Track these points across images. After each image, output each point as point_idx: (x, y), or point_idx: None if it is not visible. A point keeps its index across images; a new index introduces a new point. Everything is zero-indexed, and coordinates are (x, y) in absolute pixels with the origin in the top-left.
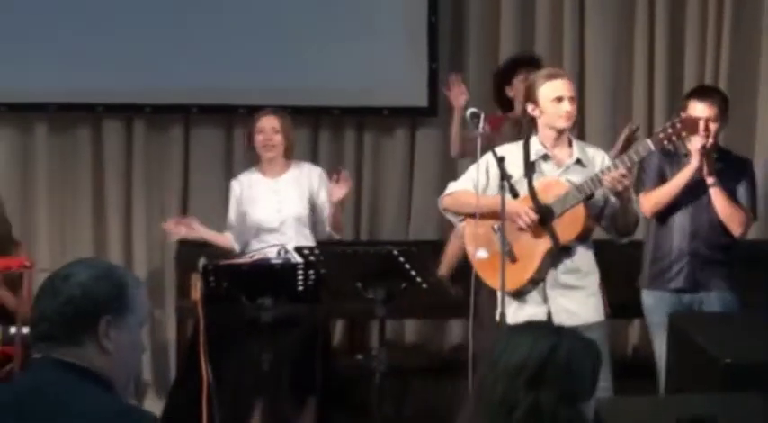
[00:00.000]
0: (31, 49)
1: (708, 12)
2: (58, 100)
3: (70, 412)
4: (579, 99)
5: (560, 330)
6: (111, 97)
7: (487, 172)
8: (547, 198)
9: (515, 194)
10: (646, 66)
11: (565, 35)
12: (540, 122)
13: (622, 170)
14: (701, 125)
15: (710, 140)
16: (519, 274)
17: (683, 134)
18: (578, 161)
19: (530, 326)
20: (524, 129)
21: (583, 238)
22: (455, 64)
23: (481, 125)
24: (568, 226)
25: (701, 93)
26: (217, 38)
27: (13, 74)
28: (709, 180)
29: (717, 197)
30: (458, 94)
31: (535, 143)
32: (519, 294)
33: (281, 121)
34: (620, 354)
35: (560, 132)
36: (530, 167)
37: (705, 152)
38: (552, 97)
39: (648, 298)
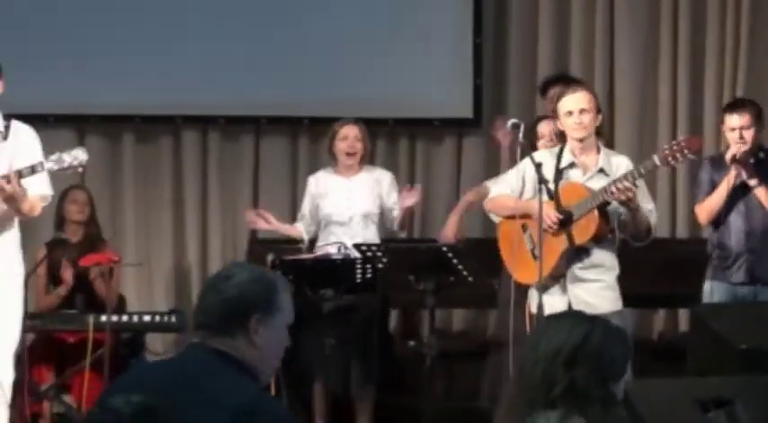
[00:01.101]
0: (119, 66)
1: (726, 33)
2: (142, 112)
3: (201, 390)
4: (609, 114)
5: (594, 319)
6: (189, 110)
7: (524, 177)
8: (569, 203)
9: (551, 196)
10: (670, 83)
11: (596, 54)
12: (567, 134)
13: (627, 183)
14: (737, 135)
15: (744, 147)
16: (543, 269)
17: (685, 152)
18: (601, 170)
19: (567, 314)
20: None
21: (597, 239)
22: (497, 80)
23: (521, 134)
24: (583, 229)
25: (733, 105)
26: (283, 56)
27: (103, 89)
28: (752, 182)
29: (762, 196)
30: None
31: (566, 152)
32: (542, 288)
33: (361, 131)
34: (646, 339)
35: (581, 141)
36: (559, 174)
37: (737, 160)
38: (565, 112)
39: (708, 287)
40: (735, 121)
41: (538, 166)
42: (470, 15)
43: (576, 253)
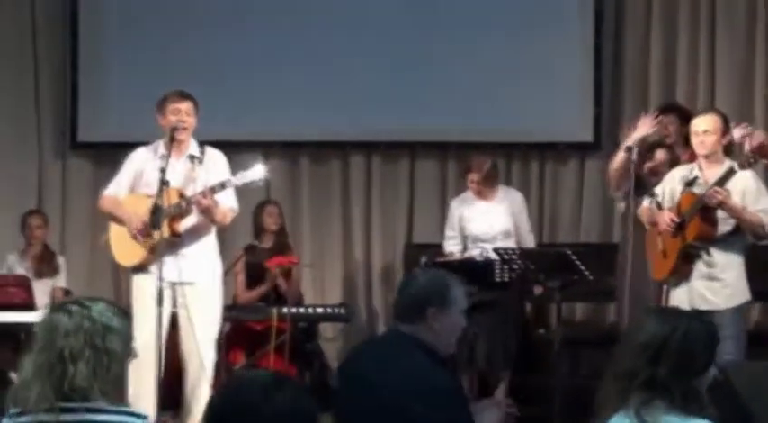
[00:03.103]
0: (297, 100)
1: None
2: (315, 139)
3: (388, 361)
4: None
5: (682, 315)
6: (355, 137)
7: (662, 190)
8: (686, 209)
9: (660, 207)
10: (764, 107)
11: (700, 84)
12: None
13: (717, 188)
14: None
15: None
16: (667, 267)
17: (757, 157)
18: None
19: (658, 310)
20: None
21: (703, 239)
22: (614, 109)
23: (634, 157)
24: (691, 231)
25: None
26: (434, 90)
27: (284, 120)
28: None
29: None
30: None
31: (696, 167)
32: (672, 282)
33: (486, 168)
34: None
35: (706, 158)
36: (687, 185)
37: None
38: (693, 131)
39: None
40: None
41: (651, 195)
42: (591, 54)
43: (699, 253)
